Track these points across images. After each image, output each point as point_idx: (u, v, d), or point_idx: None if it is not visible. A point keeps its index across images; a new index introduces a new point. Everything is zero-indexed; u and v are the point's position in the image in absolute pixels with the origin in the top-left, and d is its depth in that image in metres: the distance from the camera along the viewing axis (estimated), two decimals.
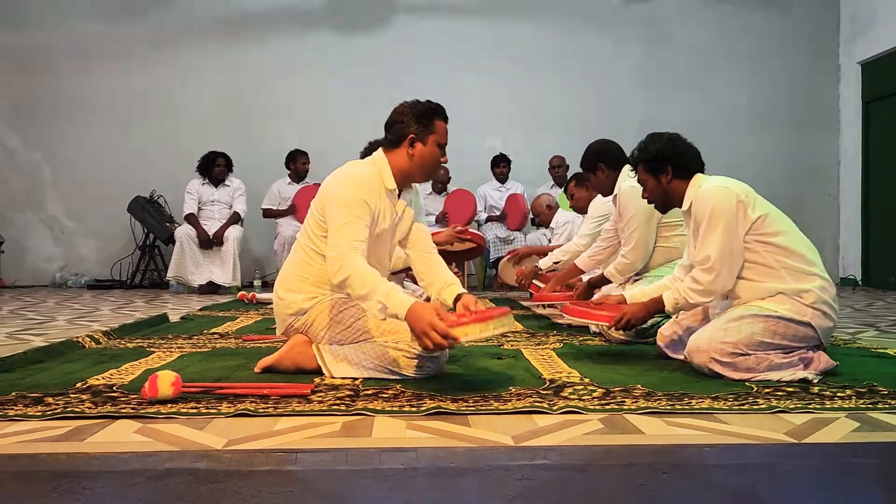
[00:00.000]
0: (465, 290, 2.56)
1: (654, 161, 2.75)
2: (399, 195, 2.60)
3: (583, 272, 4.08)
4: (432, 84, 7.83)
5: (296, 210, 7.21)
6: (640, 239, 3.56)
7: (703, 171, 2.77)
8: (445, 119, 2.58)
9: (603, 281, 3.77)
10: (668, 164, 2.72)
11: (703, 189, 2.64)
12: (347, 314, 2.55)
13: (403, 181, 2.58)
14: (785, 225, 2.61)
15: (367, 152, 4.02)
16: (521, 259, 4.99)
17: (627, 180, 3.62)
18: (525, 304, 5.49)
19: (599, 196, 4.23)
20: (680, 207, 2.78)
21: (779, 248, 2.55)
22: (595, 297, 3.65)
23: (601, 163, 3.74)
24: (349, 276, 2.31)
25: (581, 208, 4.68)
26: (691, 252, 2.75)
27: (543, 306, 4.93)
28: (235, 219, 7.07)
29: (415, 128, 2.51)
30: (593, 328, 3.73)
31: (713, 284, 2.58)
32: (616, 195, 3.71)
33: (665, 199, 2.81)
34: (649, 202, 2.87)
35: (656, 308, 2.76)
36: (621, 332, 2.98)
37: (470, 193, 7.46)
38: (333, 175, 2.55)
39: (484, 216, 7.58)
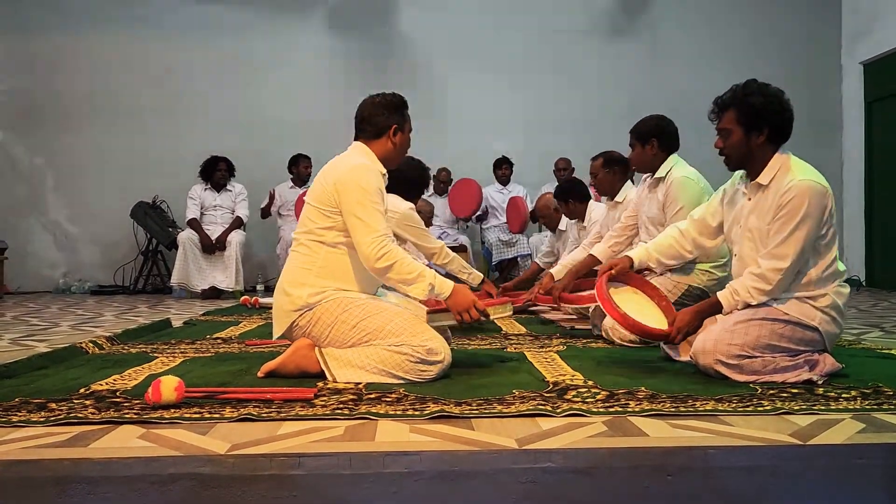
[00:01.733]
0: None
1: (752, 115, 2.46)
2: None
3: (600, 263, 3.85)
4: (434, 87, 7.89)
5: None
6: None
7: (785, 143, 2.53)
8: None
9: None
10: (767, 126, 2.46)
11: (802, 180, 2.41)
12: (352, 314, 2.56)
13: (387, 164, 2.79)
14: (836, 229, 2.54)
15: (400, 173, 4.06)
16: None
17: (680, 167, 3.53)
18: (533, 309, 5.48)
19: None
20: (754, 176, 2.53)
21: (826, 259, 2.50)
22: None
23: (656, 138, 3.58)
24: (396, 261, 2.54)
25: (603, 192, 4.40)
26: (749, 226, 2.58)
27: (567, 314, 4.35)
28: (238, 224, 7.07)
29: (395, 118, 2.75)
30: (596, 331, 3.72)
31: (781, 285, 2.46)
32: (662, 178, 3.57)
33: (743, 159, 2.53)
34: (722, 153, 2.58)
35: (711, 312, 2.59)
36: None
37: (475, 183, 7.42)
38: (343, 167, 2.65)
39: (487, 216, 7.59)
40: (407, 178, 4.05)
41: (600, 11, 8.12)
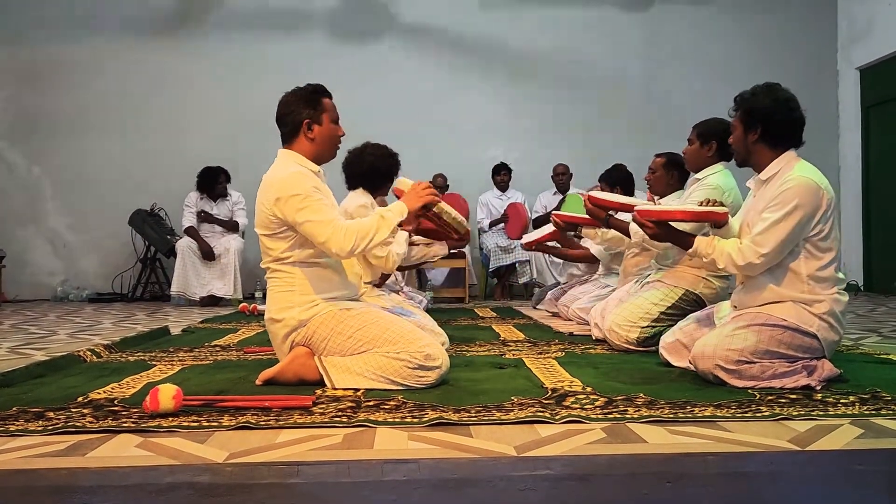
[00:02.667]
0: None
1: (749, 114, 2.60)
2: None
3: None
4: (433, 94, 7.89)
5: None
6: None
7: (797, 147, 2.61)
8: (329, 95, 2.72)
9: None
10: (760, 125, 2.57)
11: (798, 176, 2.48)
12: (348, 325, 2.56)
13: (319, 162, 2.71)
14: (836, 234, 2.55)
15: (349, 164, 3.97)
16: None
17: (721, 176, 3.50)
18: (526, 312, 5.48)
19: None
20: (757, 172, 2.65)
21: (820, 260, 2.50)
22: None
23: (717, 142, 3.52)
24: (356, 233, 2.51)
25: (655, 190, 4.32)
26: (748, 220, 2.65)
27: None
28: (234, 227, 7.05)
29: (306, 112, 2.64)
30: (595, 335, 3.72)
31: (749, 269, 2.51)
32: (700, 178, 3.56)
33: (743, 155, 2.67)
34: (731, 147, 2.73)
35: (680, 242, 2.73)
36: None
37: (460, 197, 7.41)
38: (270, 187, 2.58)
39: (487, 222, 7.57)
40: (372, 168, 3.86)
41: (598, 18, 8.13)
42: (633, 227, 3.51)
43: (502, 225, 7.48)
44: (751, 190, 2.74)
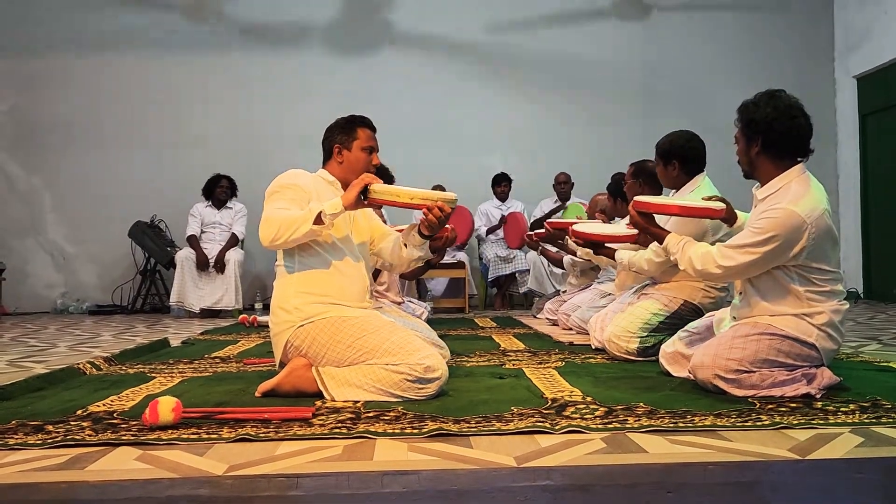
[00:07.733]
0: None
1: (747, 125, 2.54)
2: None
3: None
4: (433, 104, 7.93)
5: None
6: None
7: (804, 159, 2.53)
8: (369, 126, 2.85)
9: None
10: (760, 136, 2.50)
11: (786, 208, 2.39)
12: (347, 333, 2.56)
13: (346, 186, 2.72)
14: (831, 246, 2.49)
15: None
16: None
17: (703, 190, 3.40)
18: (526, 322, 5.48)
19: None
20: (762, 185, 2.58)
21: (815, 281, 2.47)
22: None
23: (678, 161, 3.47)
24: (278, 225, 2.50)
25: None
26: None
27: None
28: (234, 242, 7.07)
29: (339, 137, 2.81)
30: (595, 344, 3.72)
31: (705, 276, 2.58)
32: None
33: (748, 168, 2.61)
34: (739, 160, 2.65)
35: (655, 235, 2.85)
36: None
37: (467, 210, 7.44)
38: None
39: (484, 230, 7.58)
40: None
41: (598, 27, 8.17)
42: (619, 256, 3.52)
43: (500, 233, 7.50)
44: (756, 196, 2.67)
